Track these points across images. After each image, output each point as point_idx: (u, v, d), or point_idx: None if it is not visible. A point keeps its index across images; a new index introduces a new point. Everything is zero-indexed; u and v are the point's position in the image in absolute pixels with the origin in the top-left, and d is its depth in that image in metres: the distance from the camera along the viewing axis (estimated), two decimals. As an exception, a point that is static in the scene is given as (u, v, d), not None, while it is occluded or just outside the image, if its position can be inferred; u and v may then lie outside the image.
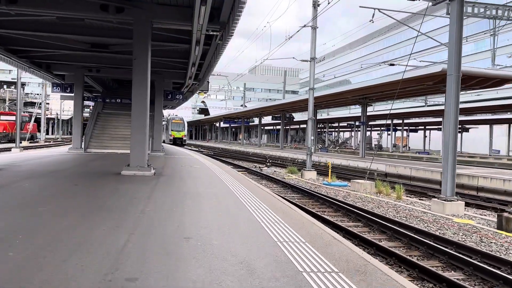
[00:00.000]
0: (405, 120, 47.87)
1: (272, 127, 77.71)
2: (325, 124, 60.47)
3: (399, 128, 49.50)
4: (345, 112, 70.43)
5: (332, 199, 11.93)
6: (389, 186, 14.37)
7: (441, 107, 35.44)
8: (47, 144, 39.81)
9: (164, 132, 38.70)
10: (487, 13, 21.64)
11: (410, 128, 53.44)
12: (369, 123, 45.24)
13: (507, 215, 8.84)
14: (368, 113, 29.36)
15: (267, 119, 62.61)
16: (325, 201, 11.92)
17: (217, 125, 75.24)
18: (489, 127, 42.44)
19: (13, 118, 37.84)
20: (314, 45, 19.15)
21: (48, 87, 38.08)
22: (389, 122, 45.94)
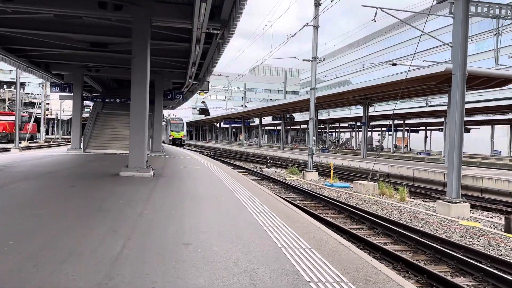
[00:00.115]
0: (406, 120, 47.63)
1: (272, 128, 77.52)
2: (325, 124, 60.24)
3: (400, 128, 49.27)
4: (346, 112, 70.27)
5: (334, 201, 11.72)
6: (392, 187, 14.16)
7: (443, 108, 35.26)
8: (47, 144, 39.64)
9: (163, 132, 38.51)
10: (491, 12, 21.51)
11: (411, 128, 53.20)
12: (370, 124, 44.95)
13: (515, 218, 8.62)
14: (369, 114, 29.09)
15: (267, 120, 62.43)
16: (327, 203, 11.70)
17: (218, 125, 75.01)
18: (490, 127, 42.20)
19: (12, 118, 37.56)
20: (315, 44, 18.94)
21: (48, 87, 37.83)
22: (390, 122, 45.69)
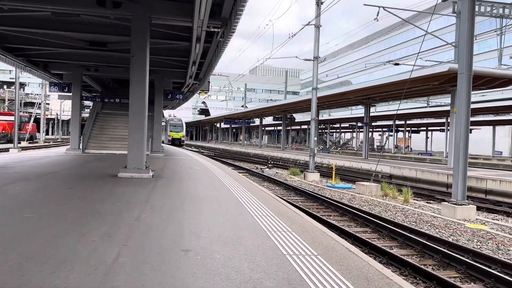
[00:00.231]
0: (407, 121, 47.37)
1: (273, 128, 77.27)
2: (326, 125, 60.00)
3: (401, 129, 49.04)
4: (347, 113, 70.05)
5: (337, 203, 11.49)
6: (395, 188, 13.92)
7: (445, 108, 35.01)
8: (47, 144, 39.43)
9: (163, 133, 38.34)
10: (494, 11, 21.29)
11: (412, 129, 52.95)
12: (371, 124, 44.70)
13: (524, 221, 8.39)
14: (370, 114, 28.85)
15: (268, 120, 62.18)
16: (330, 205, 11.47)
17: (218, 125, 74.77)
18: (492, 128, 41.94)
19: (12, 118, 37.37)
20: (317, 44, 18.73)
21: (47, 87, 37.63)
22: (392, 123, 45.46)
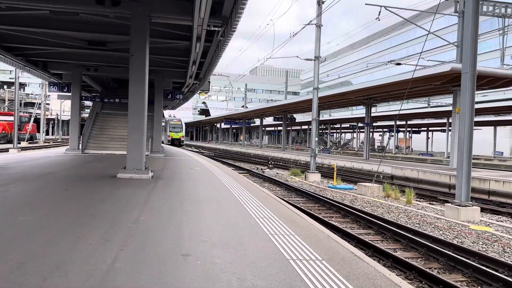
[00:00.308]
0: (408, 121, 47.19)
1: (273, 128, 77.12)
2: (327, 125, 59.84)
3: (402, 129, 48.87)
4: (347, 113, 69.89)
5: (339, 204, 11.34)
6: (397, 189, 13.77)
7: (446, 108, 34.88)
8: (46, 144, 39.29)
9: (162, 133, 38.23)
10: (496, 11, 21.14)
11: (412, 129, 52.77)
12: (372, 124, 44.54)
13: (530, 223, 8.24)
14: (371, 114, 28.68)
15: (268, 120, 62.04)
16: (332, 206, 11.32)
17: (218, 126, 74.63)
18: (493, 128, 41.77)
19: (12, 118, 37.23)
20: (318, 43, 18.58)
21: (47, 87, 37.48)
22: (393, 123, 45.33)
